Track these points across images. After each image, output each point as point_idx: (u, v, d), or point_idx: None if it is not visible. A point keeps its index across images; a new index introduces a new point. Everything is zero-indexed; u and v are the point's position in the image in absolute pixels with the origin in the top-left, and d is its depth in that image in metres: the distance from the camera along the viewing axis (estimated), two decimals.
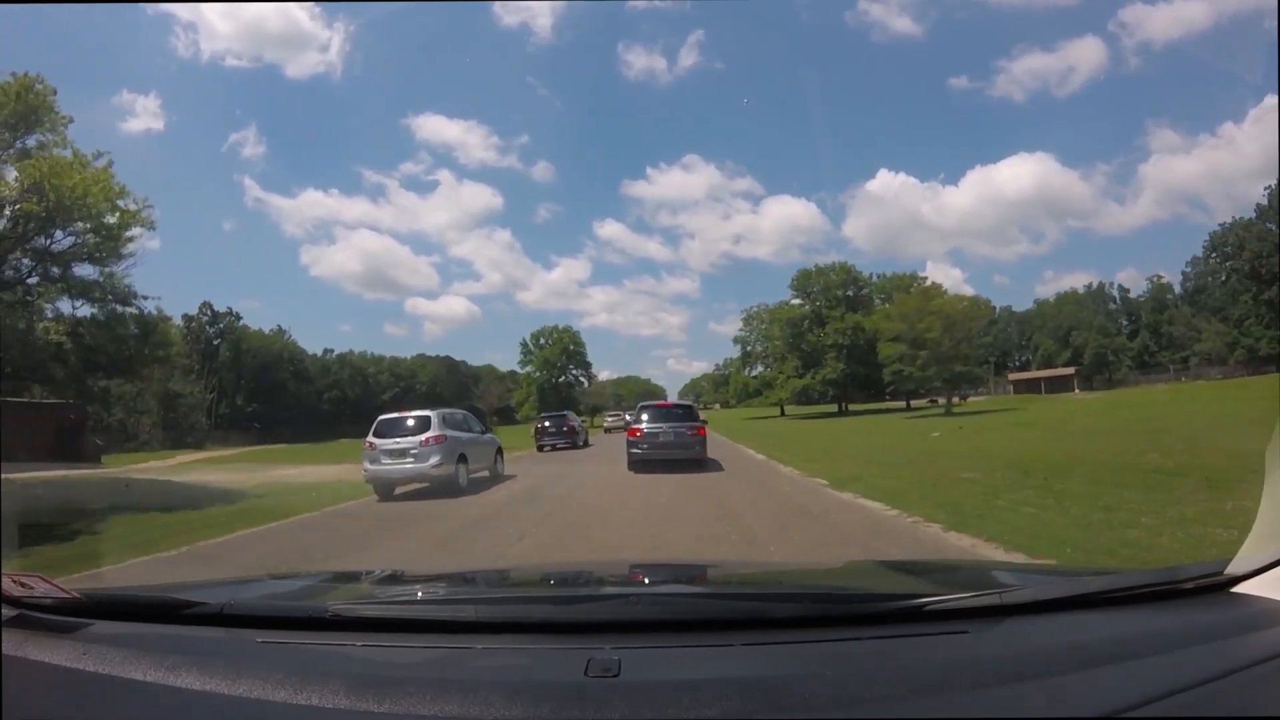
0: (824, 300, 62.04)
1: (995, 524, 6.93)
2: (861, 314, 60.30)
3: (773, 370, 72.34)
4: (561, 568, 3.41)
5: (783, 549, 6.64)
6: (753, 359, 79.09)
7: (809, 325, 61.08)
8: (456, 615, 1.43)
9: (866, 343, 58.58)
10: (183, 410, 70.23)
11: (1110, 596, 1.35)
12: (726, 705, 0.97)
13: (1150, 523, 6.42)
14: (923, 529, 7.24)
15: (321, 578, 2.30)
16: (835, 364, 58.29)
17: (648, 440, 15.07)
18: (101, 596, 1.52)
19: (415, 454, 12.37)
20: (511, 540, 7.87)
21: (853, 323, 58.51)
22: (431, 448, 12.42)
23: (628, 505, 10.21)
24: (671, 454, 14.83)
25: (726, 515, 8.74)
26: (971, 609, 1.29)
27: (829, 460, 15.72)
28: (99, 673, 1.15)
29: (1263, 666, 1.02)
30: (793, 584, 2.10)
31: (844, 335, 58.25)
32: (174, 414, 68.75)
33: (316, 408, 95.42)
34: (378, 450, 12.56)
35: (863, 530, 7.53)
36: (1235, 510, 6.38)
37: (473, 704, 0.98)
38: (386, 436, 12.67)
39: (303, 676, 1.08)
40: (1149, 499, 7.59)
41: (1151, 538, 5.89)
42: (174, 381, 66.45)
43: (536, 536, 8.04)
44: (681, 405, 17.54)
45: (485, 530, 8.81)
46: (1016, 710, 0.96)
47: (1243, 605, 1.25)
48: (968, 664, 1.13)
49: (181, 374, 74.64)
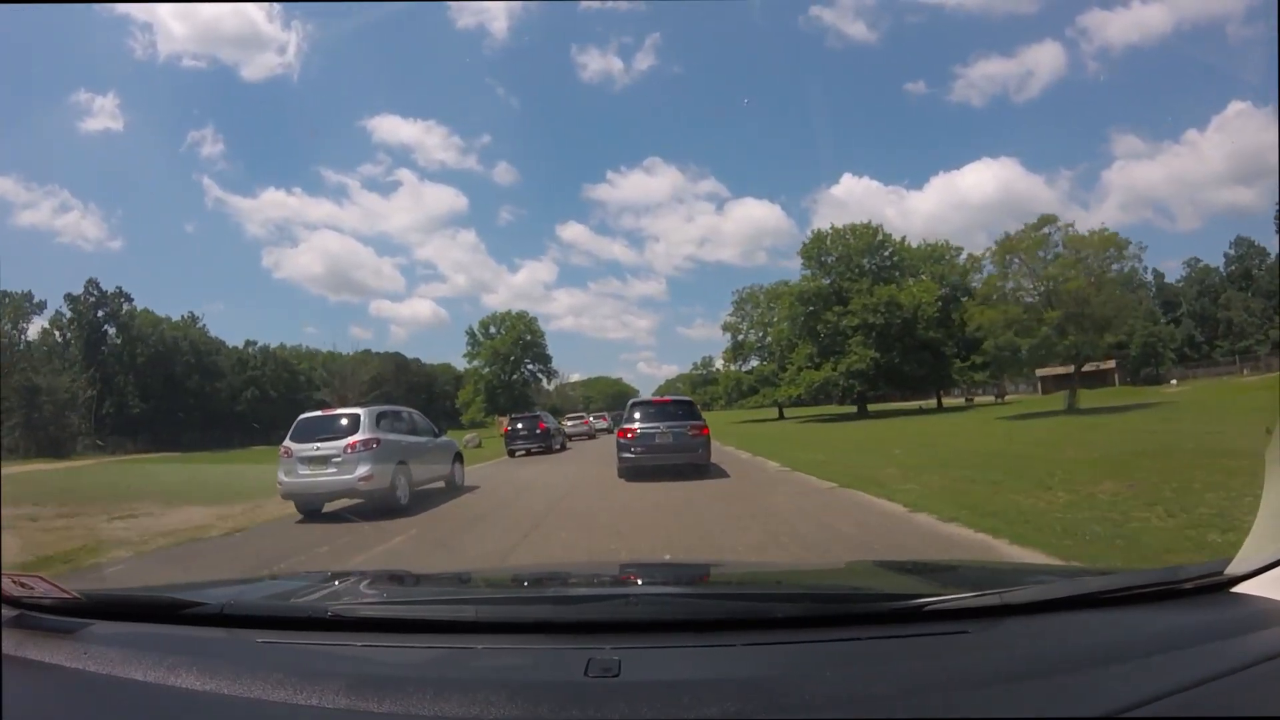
0: (844, 271, 48.34)
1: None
2: (895, 286, 46.65)
3: (770, 363, 58.82)
4: (561, 568, 3.48)
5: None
6: (746, 350, 65.60)
7: (826, 302, 47.33)
8: (456, 615, 1.43)
9: (902, 324, 45.17)
10: (48, 410, 58.99)
11: (1110, 596, 1.35)
12: (726, 705, 0.96)
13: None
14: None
15: (321, 578, 2.19)
16: (863, 351, 44.70)
17: (641, 442, 12.95)
18: (101, 597, 1.53)
19: (339, 462, 10.12)
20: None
21: (884, 297, 44.90)
22: (359, 454, 10.15)
23: (625, 535, 7.57)
24: (670, 458, 12.84)
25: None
26: (971, 609, 1.29)
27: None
28: (99, 673, 1.16)
29: (1263, 666, 1.01)
30: (792, 584, 2.14)
31: (875, 313, 44.63)
32: (38, 414, 57.70)
33: (230, 409, 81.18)
34: (294, 459, 10.32)
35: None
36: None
37: (473, 704, 0.99)
38: (306, 441, 10.40)
39: (303, 676, 1.09)
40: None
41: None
42: (41, 375, 59.66)
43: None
44: (680, 401, 15.14)
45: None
46: (1016, 710, 0.96)
47: (1243, 605, 1.24)
48: (968, 664, 1.13)
49: (47, 365, 63.29)
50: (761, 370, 61.36)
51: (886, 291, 45.32)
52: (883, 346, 45.53)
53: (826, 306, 47.03)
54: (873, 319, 44.72)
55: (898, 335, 45.93)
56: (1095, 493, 7.88)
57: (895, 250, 49.52)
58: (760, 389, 60.66)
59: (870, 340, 45.43)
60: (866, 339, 45.52)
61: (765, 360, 62.46)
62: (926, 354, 47.31)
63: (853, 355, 45.14)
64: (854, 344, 45.54)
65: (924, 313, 45.30)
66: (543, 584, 2.23)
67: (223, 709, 1.05)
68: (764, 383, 60.68)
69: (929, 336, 46.43)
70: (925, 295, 45.83)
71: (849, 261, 48.01)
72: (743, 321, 66.77)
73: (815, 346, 47.06)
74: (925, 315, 45.38)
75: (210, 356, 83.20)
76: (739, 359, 66.05)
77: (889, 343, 45.95)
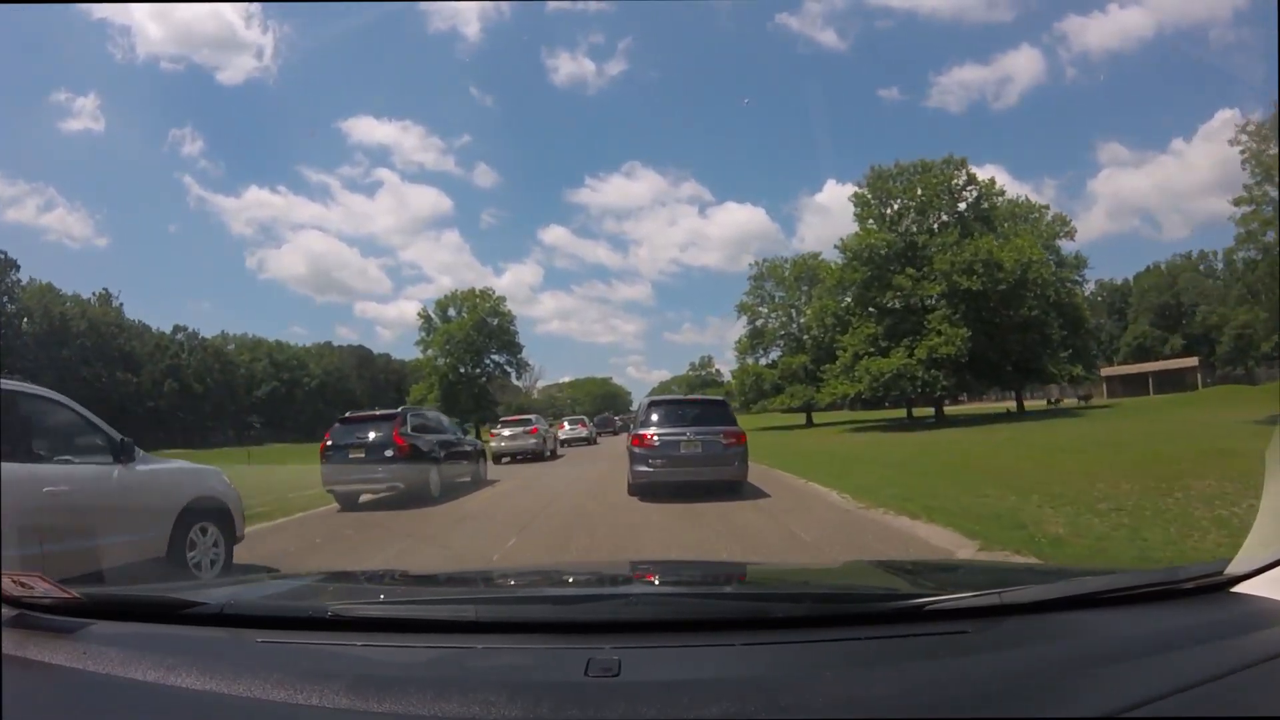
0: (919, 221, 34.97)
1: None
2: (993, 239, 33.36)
3: (801, 355, 45.50)
4: (561, 567, 3.50)
5: None
6: (767, 339, 52.18)
7: (894, 265, 33.93)
8: (456, 615, 1.42)
9: (1004, 293, 31.86)
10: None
11: (1110, 596, 1.33)
12: (726, 705, 0.96)
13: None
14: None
15: (321, 578, 2.26)
16: (950, 329, 31.28)
17: (662, 453, 10.12)
18: (101, 596, 1.52)
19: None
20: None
21: (982, 252, 31.57)
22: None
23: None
24: (698, 474, 10.07)
25: None
26: (971, 609, 1.28)
27: None
28: (99, 673, 1.16)
29: (1263, 666, 1.01)
30: (792, 584, 2.13)
31: (969, 275, 31.26)
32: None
33: (142, 403, 69.25)
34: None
35: None
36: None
37: (473, 704, 0.98)
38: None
39: (303, 676, 1.08)
40: None
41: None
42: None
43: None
44: (711, 402, 12.29)
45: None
46: (1016, 710, 0.96)
47: (1243, 605, 1.24)
48: (968, 664, 1.12)
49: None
50: (788, 363, 48.00)
51: (985, 244, 31.90)
52: (975, 324, 32.18)
53: (896, 269, 33.57)
54: (966, 283, 31.28)
55: (995, 309, 32.61)
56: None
57: (983, 192, 36.10)
58: (787, 386, 47.36)
59: (957, 315, 32.07)
60: (953, 313, 32.12)
61: (791, 352, 49.27)
62: (1030, 338, 34.12)
63: (935, 335, 31.68)
64: (935, 319, 32.12)
65: (1038, 275, 32.05)
66: (543, 584, 2.21)
67: (223, 709, 1.05)
68: (792, 379, 47.46)
69: (1029, 316, 33.31)
70: (1035, 253, 32.62)
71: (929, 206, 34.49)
72: (762, 304, 54.11)
73: (879, 326, 33.56)
74: (1040, 280, 32.15)
75: (116, 341, 69.42)
76: (756, 349, 53.10)
77: (982, 320, 32.65)
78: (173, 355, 74.97)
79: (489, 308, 55.32)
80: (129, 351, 71.12)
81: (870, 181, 36.34)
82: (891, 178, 35.84)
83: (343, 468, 11.30)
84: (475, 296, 55.56)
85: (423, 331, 55.95)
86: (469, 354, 54.62)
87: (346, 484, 11.35)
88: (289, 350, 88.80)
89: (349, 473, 11.30)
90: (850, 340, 33.90)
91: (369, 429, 11.65)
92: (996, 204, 36.69)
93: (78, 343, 64.52)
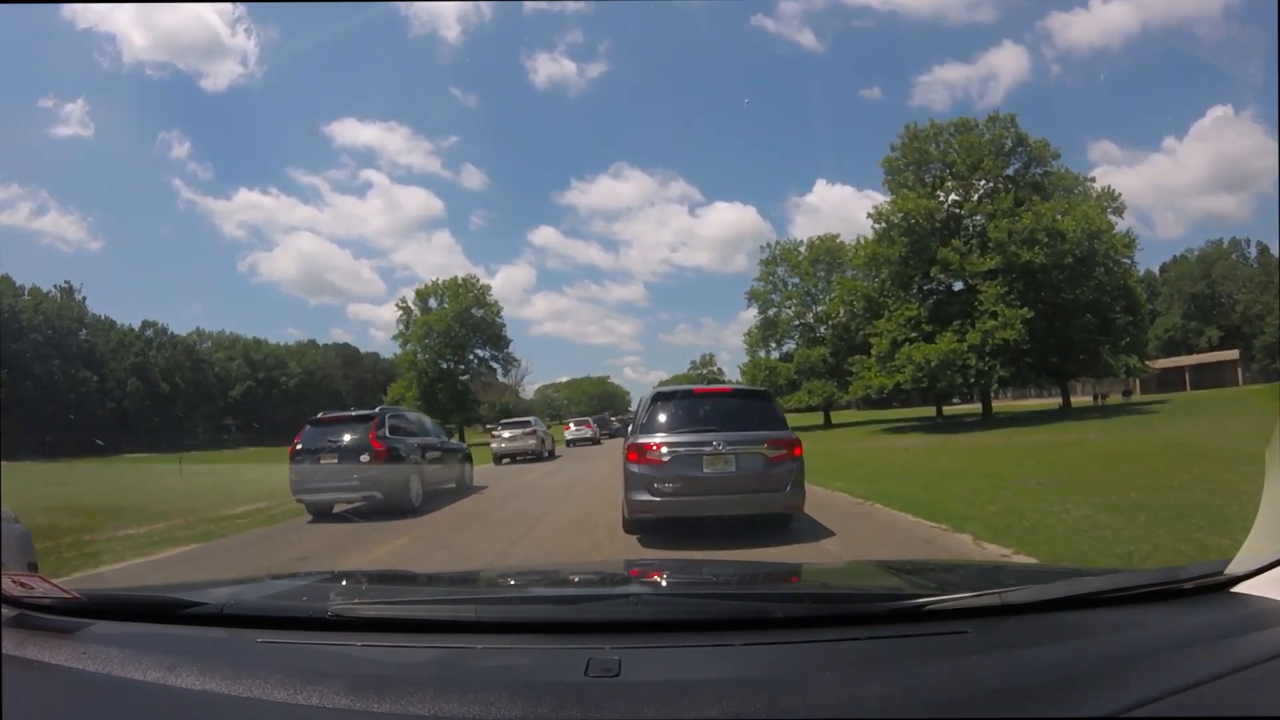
0: (962, 186, 30.15)
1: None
2: (1054, 205, 28.58)
3: (820, 348, 40.74)
4: (561, 568, 3.48)
5: None
6: (782, 329, 47.30)
7: (939, 236, 29.09)
8: (457, 615, 1.42)
9: (1069, 268, 27.10)
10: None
11: (1110, 596, 1.33)
12: (726, 705, 0.96)
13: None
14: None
15: (321, 578, 2.24)
16: (1007, 310, 26.48)
17: (674, 472, 6.65)
18: (101, 597, 1.52)
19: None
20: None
21: (1044, 220, 26.76)
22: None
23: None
24: (729, 505, 6.71)
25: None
26: (971, 609, 1.28)
27: None
28: (99, 673, 1.16)
29: (1263, 666, 1.01)
30: (792, 584, 2.12)
31: (1030, 247, 26.44)
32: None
33: (102, 403, 65.01)
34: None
35: None
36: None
37: (473, 704, 0.99)
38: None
39: (303, 676, 1.08)
40: None
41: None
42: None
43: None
44: (746, 393, 9.13)
45: None
46: (1016, 710, 0.96)
47: (1243, 605, 1.24)
48: (968, 664, 1.12)
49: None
50: (805, 356, 43.19)
51: (1048, 210, 27.10)
52: (1033, 305, 27.39)
53: (941, 240, 28.74)
54: (1028, 255, 26.49)
55: (1059, 287, 27.82)
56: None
57: (1033, 154, 31.21)
58: (804, 382, 42.55)
59: (1013, 295, 27.28)
60: (1007, 292, 27.31)
61: (808, 344, 44.45)
62: (1090, 322, 29.35)
63: (988, 318, 26.86)
64: (987, 298, 27.31)
65: (1109, 248, 27.28)
66: (543, 584, 2.20)
67: (223, 709, 1.05)
68: (810, 373, 42.67)
69: (1090, 298, 28.55)
70: (1103, 222, 27.86)
71: (977, 170, 29.64)
72: (775, 291, 49.34)
73: (922, 307, 28.73)
74: (1110, 254, 27.39)
75: (75, 336, 64.34)
76: (769, 341, 48.25)
77: (1042, 300, 27.87)
78: (137, 352, 70.00)
79: (473, 298, 50.36)
80: (90, 348, 66.24)
81: (904, 143, 31.61)
82: (929, 138, 31.10)
83: (313, 474, 10.46)
84: (458, 285, 50.57)
85: (401, 324, 50.97)
86: (450, 348, 49.69)
87: (317, 492, 10.43)
88: (266, 348, 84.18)
89: (320, 479, 10.43)
90: (887, 325, 29.09)
91: (343, 431, 10.79)
92: (1051, 169, 31.82)
93: (30, 337, 59.47)
